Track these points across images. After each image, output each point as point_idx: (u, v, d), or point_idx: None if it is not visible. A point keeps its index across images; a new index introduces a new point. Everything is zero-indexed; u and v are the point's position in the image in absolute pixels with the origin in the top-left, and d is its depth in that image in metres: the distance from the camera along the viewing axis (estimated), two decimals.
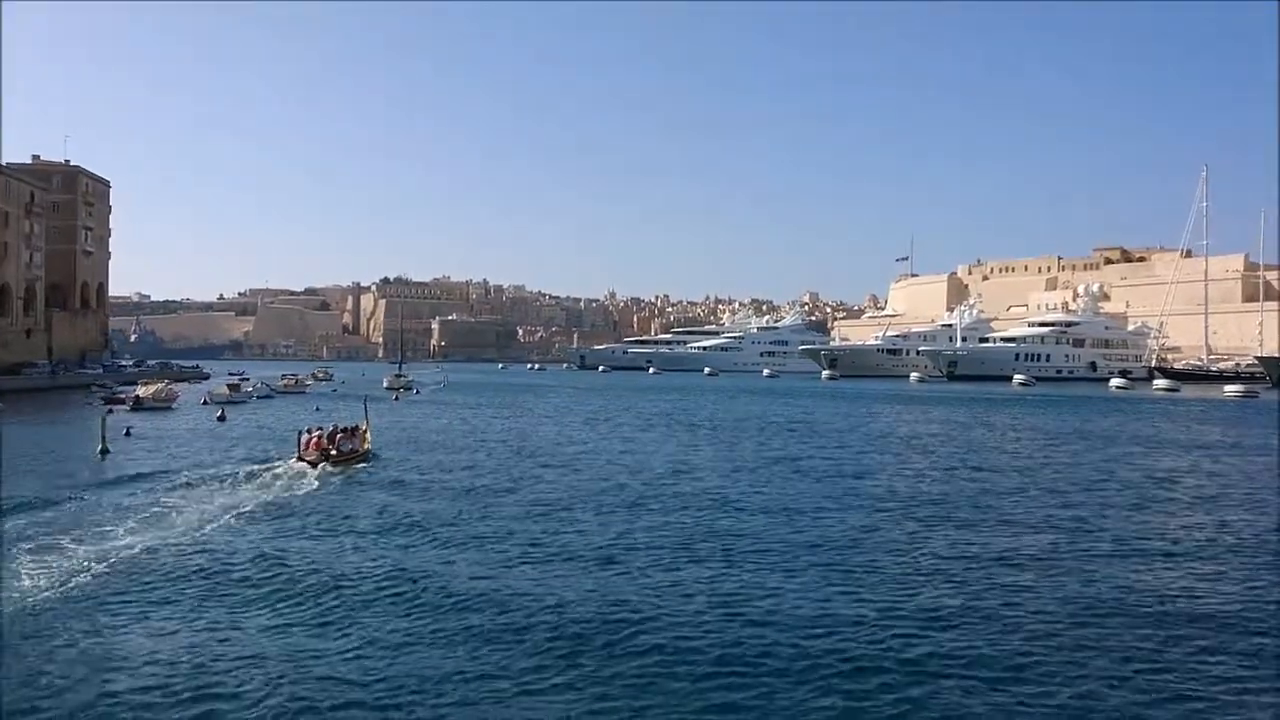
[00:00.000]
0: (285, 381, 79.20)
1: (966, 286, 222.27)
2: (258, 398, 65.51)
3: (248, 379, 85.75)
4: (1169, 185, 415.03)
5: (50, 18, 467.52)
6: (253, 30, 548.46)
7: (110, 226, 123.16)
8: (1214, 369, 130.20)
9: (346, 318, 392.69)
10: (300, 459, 27.62)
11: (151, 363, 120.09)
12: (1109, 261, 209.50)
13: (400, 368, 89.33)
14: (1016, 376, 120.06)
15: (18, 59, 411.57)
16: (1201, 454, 35.02)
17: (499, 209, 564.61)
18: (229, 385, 62.36)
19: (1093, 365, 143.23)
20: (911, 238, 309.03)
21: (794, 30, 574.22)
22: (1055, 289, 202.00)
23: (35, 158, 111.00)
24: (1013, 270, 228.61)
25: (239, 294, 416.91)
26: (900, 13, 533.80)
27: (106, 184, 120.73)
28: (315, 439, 28.83)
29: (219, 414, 46.61)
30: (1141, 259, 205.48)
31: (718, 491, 23.72)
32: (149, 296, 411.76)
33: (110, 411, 48.89)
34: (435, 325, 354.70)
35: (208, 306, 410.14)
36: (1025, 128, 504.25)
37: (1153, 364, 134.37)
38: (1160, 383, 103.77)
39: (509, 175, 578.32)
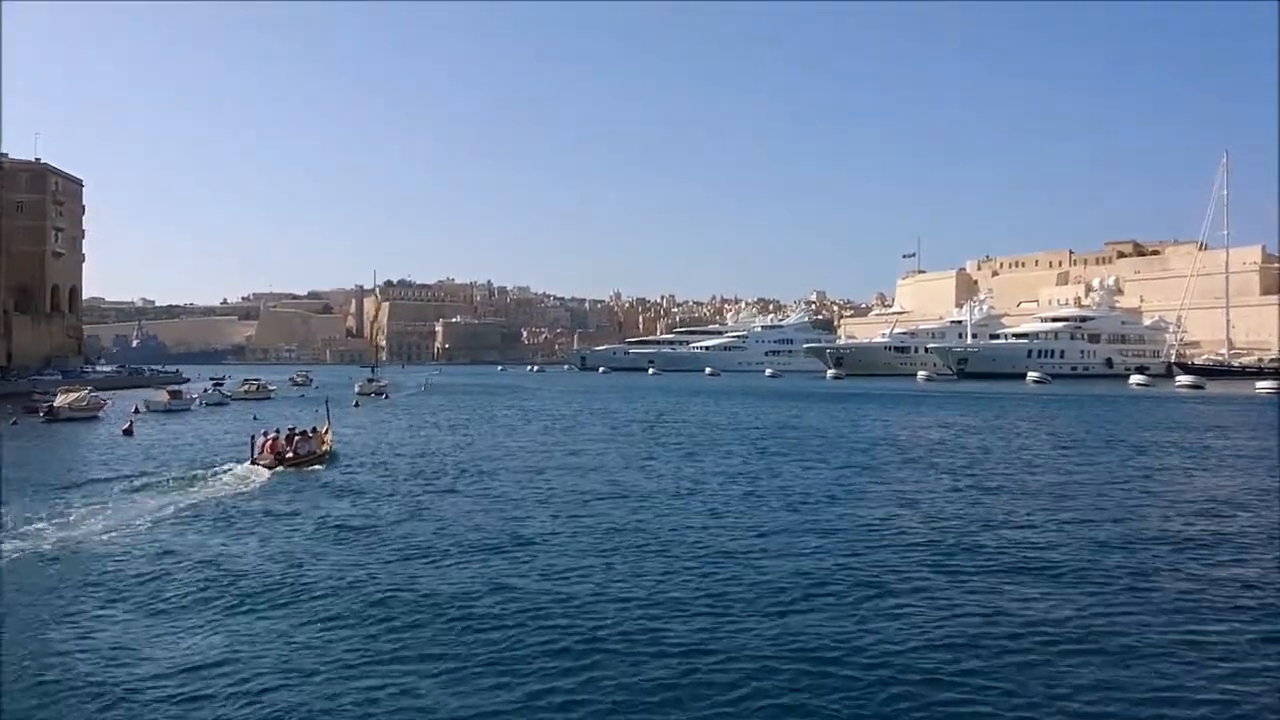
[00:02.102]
0: (246, 387, 73.45)
1: (975, 282, 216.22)
2: (206, 405, 59.81)
3: (222, 384, 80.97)
4: (1173, 179, 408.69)
5: (50, 18, 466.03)
6: (253, 31, 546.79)
7: (84, 227, 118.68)
8: (1236, 364, 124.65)
9: (350, 321, 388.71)
10: (254, 462, 27.16)
11: (121, 368, 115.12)
12: (1121, 255, 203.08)
13: (374, 371, 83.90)
14: (1031, 374, 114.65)
15: (16, 57, 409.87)
16: (1267, 473, 28.24)
17: (503, 210, 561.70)
18: (169, 392, 56.93)
19: (1109, 361, 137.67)
20: (919, 234, 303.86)
21: (797, 28, 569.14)
22: (1067, 284, 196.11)
23: (2, 155, 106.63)
24: (1023, 265, 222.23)
25: (242, 298, 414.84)
26: (903, 10, 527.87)
27: (79, 183, 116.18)
28: (270, 442, 28.57)
29: (125, 426, 41.00)
30: (1155, 253, 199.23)
31: (639, 528, 18.44)
32: (153, 302, 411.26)
33: (14, 424, 44.25)
34: (439, 328, 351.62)
35: (210, 311, 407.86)
36: (1028, 123, 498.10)
37: (1172, 360, 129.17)
38: (1183, 379, 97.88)
39: (512, 176, 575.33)
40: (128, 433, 39.44)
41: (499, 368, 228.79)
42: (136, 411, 49.97)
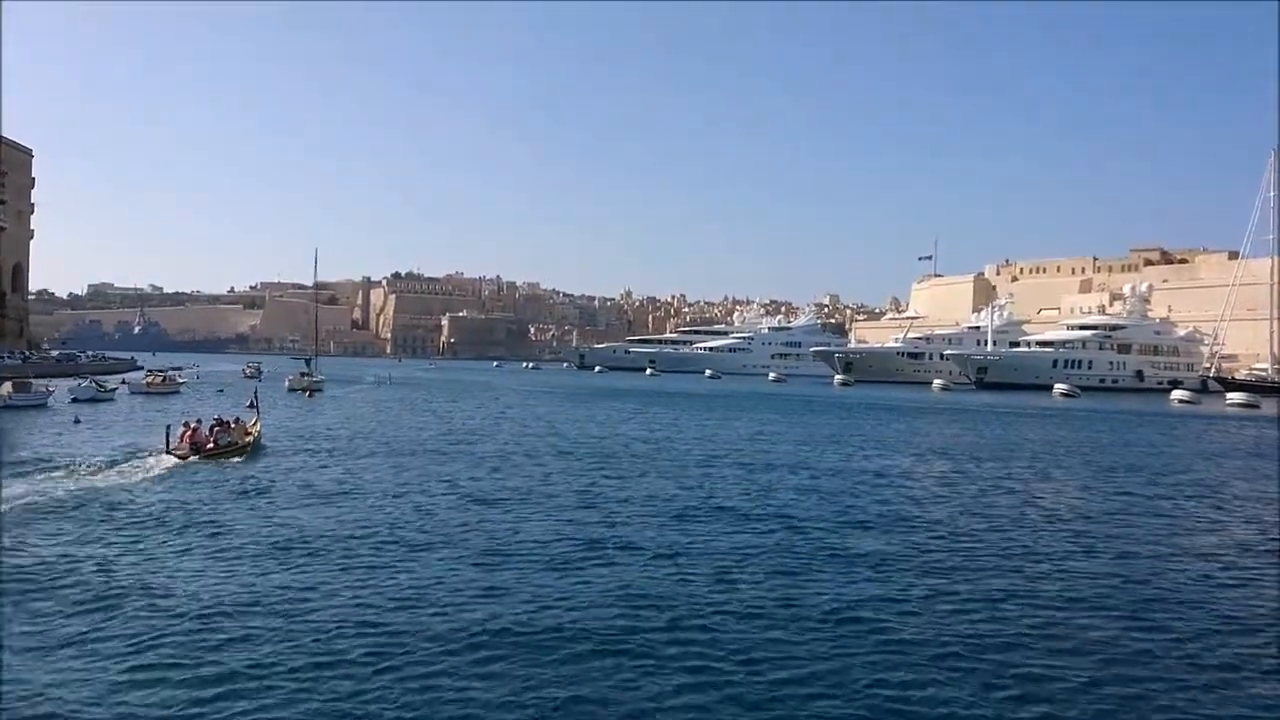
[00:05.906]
0: (150, 379, 63.72)
1: (994, 288, 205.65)
2: (75, 400, 49.94)
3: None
4: (1196, 187, 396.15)
5: (65, 16, 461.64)
6: (264, 21, 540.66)
7: (34, 200, 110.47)
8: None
9: (356, 313, 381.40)
10: (169, 453, 26.20)
11: (70, 354, 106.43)
12: (1149, 263, 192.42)
13: (310, 364, 74.24)
14: (1058, 386, 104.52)
15: (29, 51, 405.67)
16: None
17: (515, 206, 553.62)
18: (15, 384, 47.24)
19: (1139, 374, 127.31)
20: (936, 237, 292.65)
21: (816, 28, 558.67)
22: (1090, 291, 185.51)
23: None
24: (1044, 271, 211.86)
25: (250, 287, 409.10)
26: (922, 8, 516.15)
27: (28, 152, 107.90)
28: (190, 431, 27.89)
29: None
30: (1183, 261, 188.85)
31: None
32: (160, 288, 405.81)
33: None
34: (445, 321, 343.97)
35: (215, 300, 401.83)
36: (1048, 125, 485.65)
37: (1211, 374, 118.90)
38: (1234, 397, 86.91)
39: (526, 171, 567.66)
40: None
41: (494, 364, 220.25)
42: None
